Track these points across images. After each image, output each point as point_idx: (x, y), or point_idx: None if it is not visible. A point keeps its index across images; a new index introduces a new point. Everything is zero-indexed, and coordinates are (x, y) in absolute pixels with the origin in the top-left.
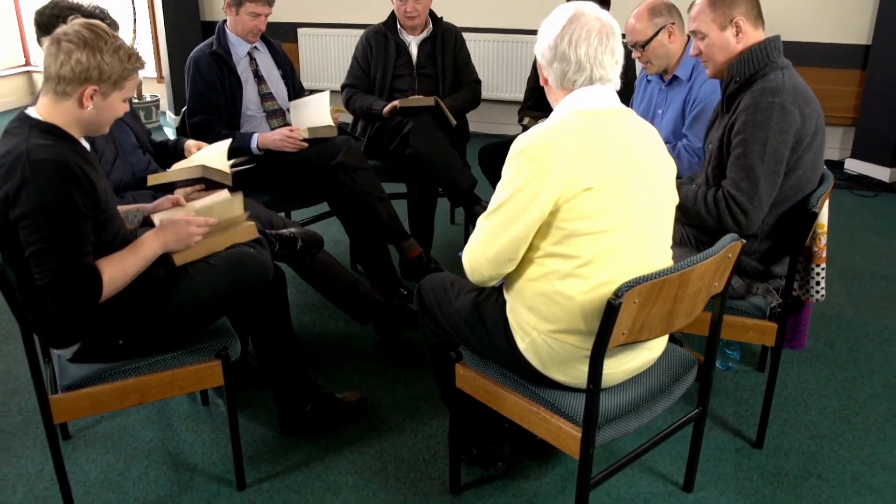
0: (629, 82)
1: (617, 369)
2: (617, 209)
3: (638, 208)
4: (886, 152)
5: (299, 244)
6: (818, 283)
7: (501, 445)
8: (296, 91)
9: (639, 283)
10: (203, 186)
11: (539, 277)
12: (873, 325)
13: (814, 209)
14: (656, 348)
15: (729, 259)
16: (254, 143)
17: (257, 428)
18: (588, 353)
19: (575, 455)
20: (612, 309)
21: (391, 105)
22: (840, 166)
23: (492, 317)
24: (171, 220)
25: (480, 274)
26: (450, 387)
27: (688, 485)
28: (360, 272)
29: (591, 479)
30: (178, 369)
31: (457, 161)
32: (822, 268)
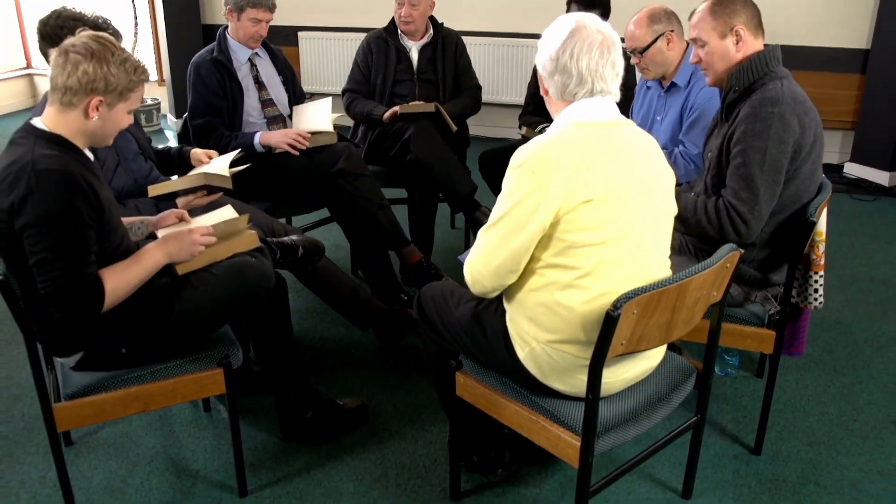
0: (629, 88)
1: (616, 378)
2: (616, 220)
3: (637, 219)
4: (886, 156)
5: (300, 252)
6: (816, 291)
7: (501, 452)
8: (296, 97)
9: (637, 295)
10: (205, 192)
11: (539, 288)
12: (872, 331)
13: (812, 218)
14: (655, 357)
15: (727, 269)
16: (256, 140)
17: (259, 434)
18: (587, 363)
19: (574, 463)
20: (611, 320)
21: (391, 111)
22: (839, 170)
23: (492, 326)
24: (175, 231)
25: (482, 286)
26: (450, 395)
27: (686, 491)
28: (361, 277)
29: (591, 487)
30: (181, 377)
31: (457, 167)
32: (821, 275)
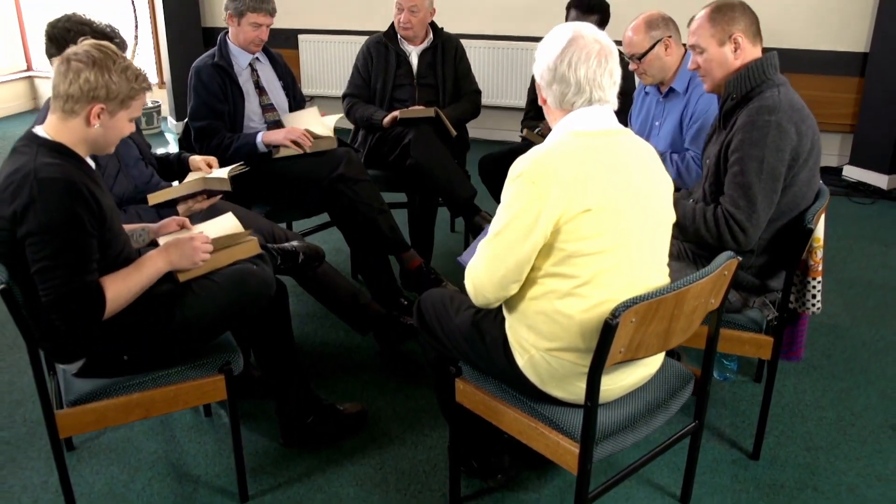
0: (627, 94)
1: (614, 385)
2: (615, 230)
3: (636, 228)
4: (884, 159)
5: (301, 258)
6: (814, 297)
7: (501, 458)
8: (296, 102)
9: (635, 303)
10: (204, 196)
11: (539, 296)
12: (870, 335)
13: (809, 225)
14: (653, 365)
15: (725, 276)
16: (259, 140)
17: (259, 439)
18: (586, 370)
19: (573, 470)
20: (609, 328)
21: (391, 116)
22: (838, 173)
23: (491, 333)
24: (176, 238)
25: (485, 297)
26: (450, 401)
27: (685, 497)
28: (361, 282)
29: (590, 493)
30: (182, 384)
31: (457, 172)
32: (819, 281)
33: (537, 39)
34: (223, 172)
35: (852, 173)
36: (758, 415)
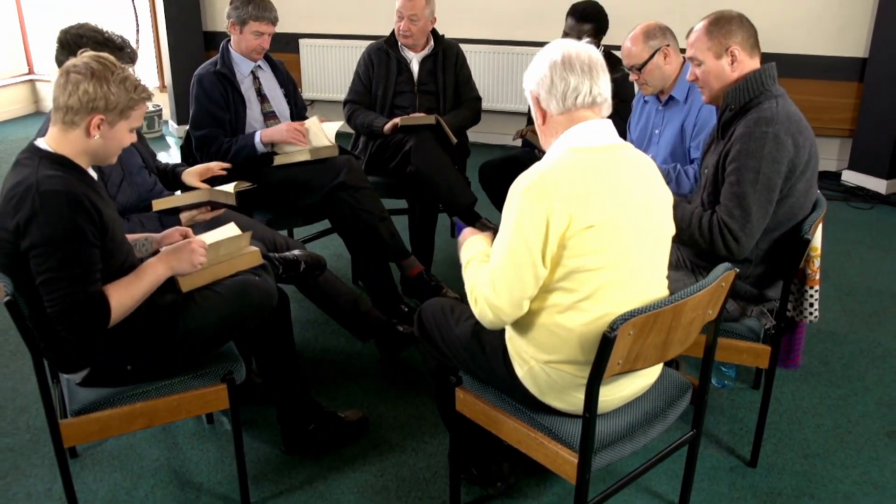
0: (626, 101)
1: (613, 396)
2: (616, 245)
3: (636, 243)
4: (883, 164)
5: (303, 267)
6: (812, 305)
7: (500, 465)
8: (298, 109)
9: (633, 316)
10: (208, 208)
11: (540, 310)
12: (867, 342)
13: (807, 236)
14: (651, 375)
15: (723, 288)
16: (257, 139)
17: (261, 447)
18: (584, 382)
19: (572, 480)
20: (607, 341)
21: (392, 122)
22: (837, 178)
23: (491, 344)
24: (175, 245)
25: (501, 320)
26: (450, 409)
27: None
28: (362, 288)
29: (588, 501)
30: (185, 393)
31: (457, 179)
32: (816, 290)
33: (537, 44)
34: (229, 187)
35: (851, 178)
36: (755, 422)
